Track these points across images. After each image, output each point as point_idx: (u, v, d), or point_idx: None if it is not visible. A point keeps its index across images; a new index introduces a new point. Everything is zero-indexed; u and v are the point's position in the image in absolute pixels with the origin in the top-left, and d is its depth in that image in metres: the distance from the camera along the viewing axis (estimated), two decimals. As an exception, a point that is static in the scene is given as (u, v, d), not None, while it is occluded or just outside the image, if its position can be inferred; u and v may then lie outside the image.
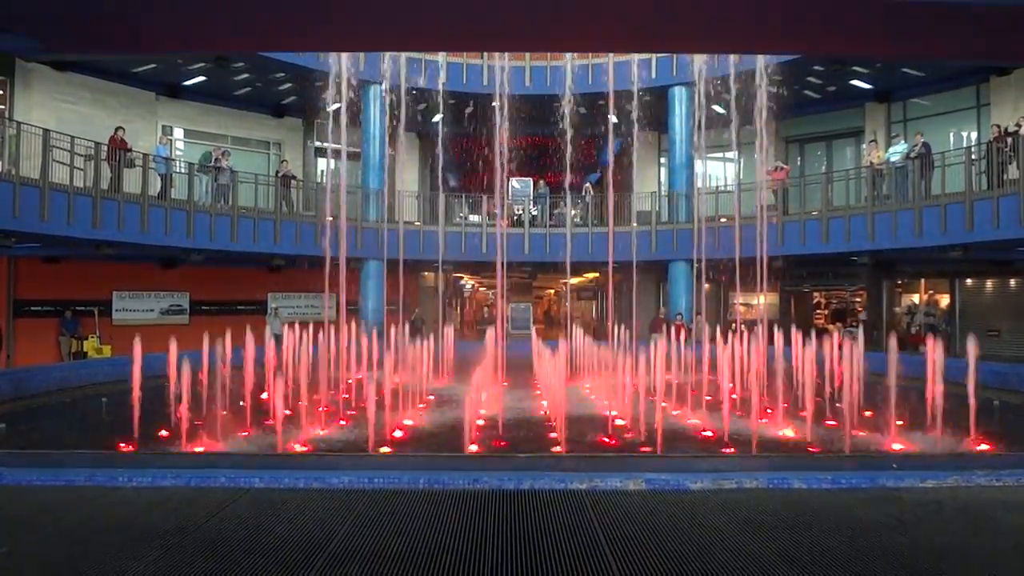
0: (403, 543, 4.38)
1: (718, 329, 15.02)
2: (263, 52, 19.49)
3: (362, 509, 5.06)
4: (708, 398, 11.71)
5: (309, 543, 4.35)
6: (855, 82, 23.12)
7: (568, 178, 20.92)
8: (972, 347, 8.22)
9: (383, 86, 23.08)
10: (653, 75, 24.12)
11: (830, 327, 26.12)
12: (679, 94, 24.25)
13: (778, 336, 12.63)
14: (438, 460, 7.22)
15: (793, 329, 12.45)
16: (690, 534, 4.56)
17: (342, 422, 10.72)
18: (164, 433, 9.17)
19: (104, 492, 5.50)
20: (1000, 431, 9.05)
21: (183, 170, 20.74)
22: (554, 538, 4.48)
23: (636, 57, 23.35)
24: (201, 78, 22.97)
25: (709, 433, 9.72)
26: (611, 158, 23.79)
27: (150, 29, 6.74)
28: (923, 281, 24.34)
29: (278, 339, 23.06)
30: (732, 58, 18.87)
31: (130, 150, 19.16)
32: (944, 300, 23.60)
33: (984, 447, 8.24)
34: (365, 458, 7.27)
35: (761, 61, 18.18)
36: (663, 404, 10.01)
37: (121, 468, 6.03)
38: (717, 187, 25.58)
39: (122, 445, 8.34)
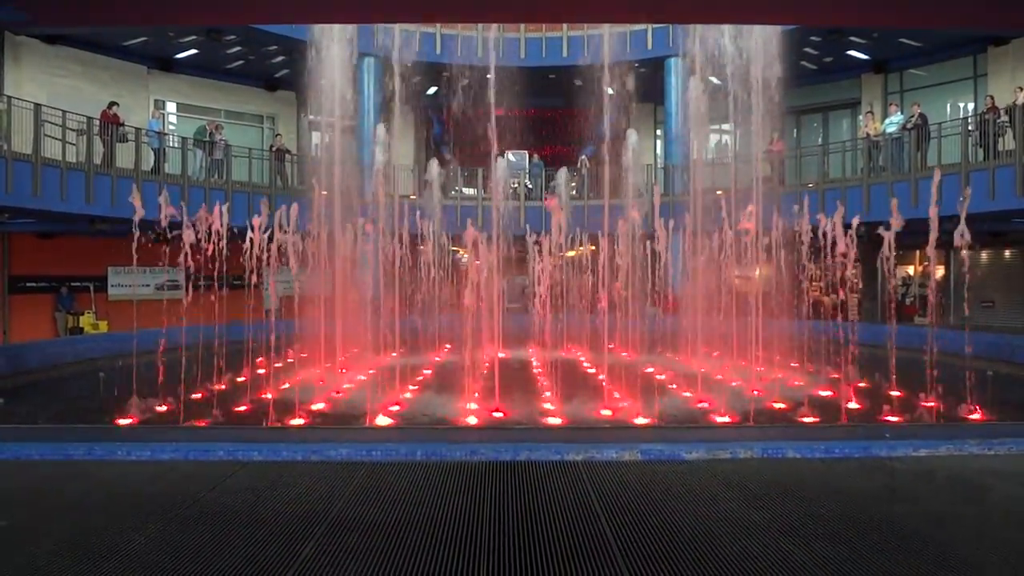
0: (401, 513, 4.42)
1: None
2: (253, 24, 19.28)
3: (361, 481, 5.11)
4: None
5: (309, 513, 4.40)
6: (852, 53, 22.97)
7: (563, 150, 20.84)
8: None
9: (377, 58, 22.87)
10: (649, 46, 23.93)
11: (824, 299, 26.21)
12: (675, 65, 24.07)
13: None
14: (435, 432, 7.27)
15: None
16: (685, 503, 4.62)
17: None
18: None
19: (104, 466, 5.54)
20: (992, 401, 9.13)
21: (176, 144, 20.59)
22: (551, 508, 4.53)
23: (632, 28, 23.14)
24: (193, 51, 22.72)
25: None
26: (607, 130, 23.68)
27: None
28: (918, 252, 24.38)
29: (274, 312, 23.14)
30: (729, 29, 18.69)
31: (122, 124, 19.01)
32: (939, 271, 23.67)
33: (976, 417, 8.33)
34: (363, 431, 7.33)
35: (758, 32, 18.00)
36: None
37: (120, 442, 6.06)
38: (713, 159, 25.47)
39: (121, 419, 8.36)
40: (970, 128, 18.10)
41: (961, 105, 22.32)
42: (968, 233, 8.83)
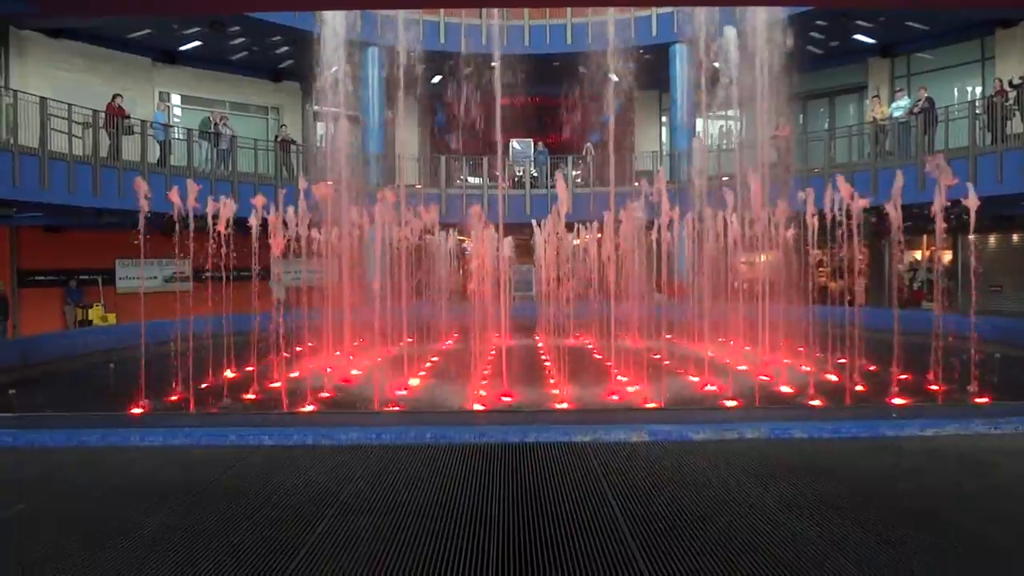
0: (412, 495, 4.46)
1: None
2: (255, 13, 19.27)
3: (371, 464, 5.15)
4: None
5: (320, 496, 4.44)
6: (858, 37, 22.81)
7: (568, 138, 20.79)
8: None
9: (381, 47, 22.83)
10: (654, 33, 23.83)
11: (831, 285, 26.15)
12: (680, 52, 23.96)
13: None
14: (444, 416, 7.32)
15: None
16: (693, 483, 4.64)
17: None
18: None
19: (117, 452, 5.59)
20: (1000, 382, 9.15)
21: (182, 136, 20.64)
22: (560, 489, 4.55)
23: (637, 14, 23.05)
24: (197, 43, 22.73)
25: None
26: (612, 118, 23.61)
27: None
28: (925, 237, 24.27)
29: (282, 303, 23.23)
30: (734, 13, 18.58)
31: (128, 117, 19.07)
32: (947, 256, 23.56)
33: (983, 397, 8.34)
34: (372, 415, 7.38)
35: (764, 15, 17.90)
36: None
37: (133, 428, 6.12)
38: (719, 146, 25.38)
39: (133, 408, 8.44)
40: (978, 111, 17.99)
41: (969, 89, 22.16)
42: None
